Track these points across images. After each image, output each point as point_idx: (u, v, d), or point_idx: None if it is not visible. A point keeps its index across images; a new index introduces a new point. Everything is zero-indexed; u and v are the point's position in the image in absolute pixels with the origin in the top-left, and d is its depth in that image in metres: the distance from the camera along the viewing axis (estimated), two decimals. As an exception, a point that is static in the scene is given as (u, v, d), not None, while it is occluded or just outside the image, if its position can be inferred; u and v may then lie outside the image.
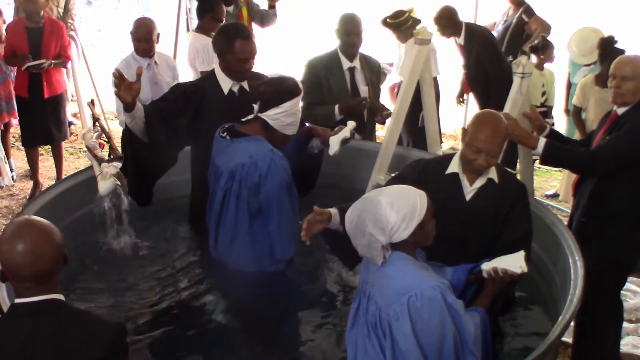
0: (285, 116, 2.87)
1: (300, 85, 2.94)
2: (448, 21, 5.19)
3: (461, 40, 5.29)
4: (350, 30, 4.14)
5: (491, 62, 5.24)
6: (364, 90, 4.26)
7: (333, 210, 2.57)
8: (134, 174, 3.29)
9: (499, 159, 2.66)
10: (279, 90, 2.86)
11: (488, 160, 2.62)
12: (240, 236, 2.99)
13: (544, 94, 5.52)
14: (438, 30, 5.27)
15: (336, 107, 4.10)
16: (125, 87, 2.96)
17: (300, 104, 2.96)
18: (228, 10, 5.31)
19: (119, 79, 2.96)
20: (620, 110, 3.23)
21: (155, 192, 3.84)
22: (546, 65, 5.51)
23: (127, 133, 3.17)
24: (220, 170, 2.95)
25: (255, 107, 2.93)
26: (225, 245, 3.05)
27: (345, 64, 4.23)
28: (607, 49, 4.36)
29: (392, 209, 2.14)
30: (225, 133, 2.98)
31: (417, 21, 5.24)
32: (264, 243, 3.00)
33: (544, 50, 5.35)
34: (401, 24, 5.23)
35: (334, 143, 3.13)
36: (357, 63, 4.25)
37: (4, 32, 5.60)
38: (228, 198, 2.94)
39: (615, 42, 4.48)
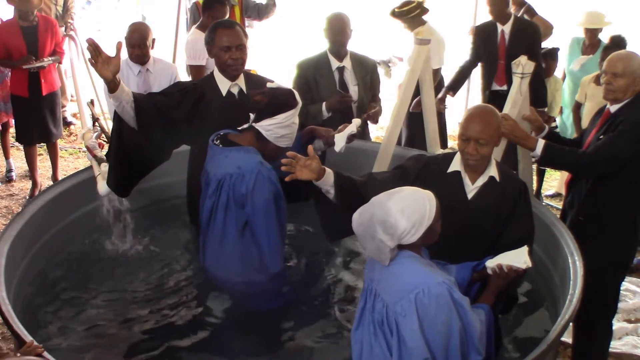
0: (279, 128, 2.82)
1: (298, 98, 2.88)
2: (502, 5, 5.11)
3: (507, 27, 5.17)
4: (336, 28, 4.14)
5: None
6: (353, 90, 4.25)
7: (329, 170, 2.59)
8: (117, 160, 3.23)
9: (490, 150, 2.64)
10: (274, 101, 2.81)
11: (477, 149, 2.60)
12: (228, 249, 2.92)
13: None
14: (490, 10, 5.19)
15: (323, 104, 4.11)
16: (103, 61, 2.89)
17: (295, 121, 2.88)
18: None
19: (95, 51, 2.88)
20: (613, 108, 3.23)
21: (155, 192, 3.85)
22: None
23: (116, 118, 3.13)
24: (209, 177, 2.91)
25: (252, 116, 2.89)
26: (212, 257, 2.98)
27: (334, 63, 4.23)
28: (616, 48, 4.33)
29: (402, 216, 2.15)
30: (218, 141, 2.94)
31: (425, 9, 5.31)
32: (252, 257, 2.92)
33: (551, 58, 5.27)
34: (409, 12, 5.28)
35: (340, 140, 3.11)
36: (347, 63, 4.24)
37: None
38: (216, 209, 2.88)
39: (626, 43, 4.52)
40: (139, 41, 4.22)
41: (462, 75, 5.58)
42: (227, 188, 2.84)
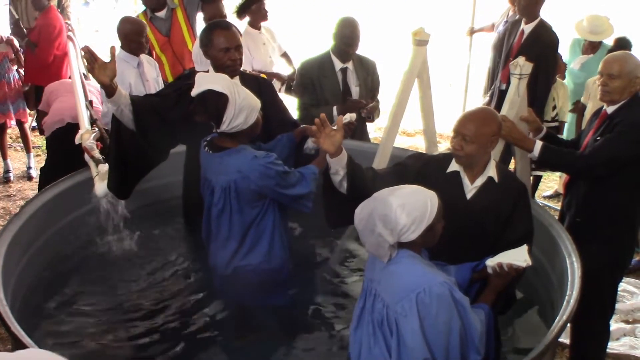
0: (236, 118, 2.76)
1: (222, 87, 2.75)
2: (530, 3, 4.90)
3: (529, 27, 4.97)
4: (347, 34, 4.15)
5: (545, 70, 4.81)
6: (355, 90, 4.28)
7: (345, 151, 2.64)
8: (117, 164, 3.23)
9: (476, 150, 2.63)
10: (209, 111, 2.76)
11: (462, 145, 2.62)
12: (246, 246, 2.95)
13: (554, 108, 5.18)
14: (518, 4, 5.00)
15: (334, 108, 4.12)
16: (100, 66, 2.90)
17: (240, 97, 2.76)
18: (160, 16, 5.01)
19: (91, 57, 2.90)
20: (610, 109, 3.22)
21: (153, 193, 3.85)
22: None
23: (114, 121, 3.13)
24: (212, 184, 2.91)
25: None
26: (226, 258, 2.98)
27: (338, 64, 4.25)
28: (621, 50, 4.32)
29: (403, 212, 2.15)
30: (207, 147, 2.92)
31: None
32: (273, 247, 2.98)
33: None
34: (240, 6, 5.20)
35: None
36: (349, 64, 4.26)
37: (1, 34, 5.68)
38: (229, 213, 2.89)
39: (631, 45, 4.50)
40: (143, 30, 4.29)
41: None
42: (235, 194, 2.84)
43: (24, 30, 5.99)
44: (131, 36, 4.26)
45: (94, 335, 3.14)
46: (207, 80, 2.80)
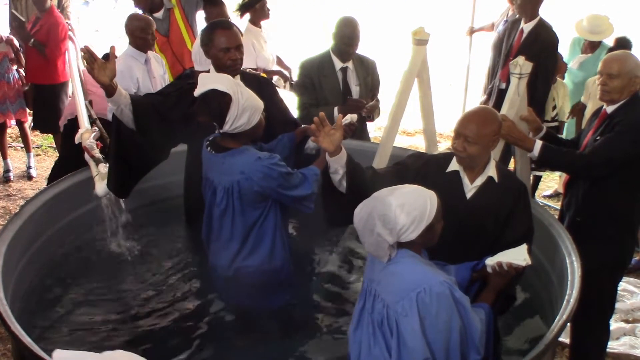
0: (239, 118, 2.75)
1: (225, 87, 2.74)
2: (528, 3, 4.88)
3: (528, 26, 4.96)
4: (346, 35, 4.16)
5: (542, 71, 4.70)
6: (355, 90, 4.28)
7: (344, 150, 2.64)
8: (117, 163, 3.23)
9: (479, 151, 2.63)
10: (212, 111, 2.75)
11: (465, 146, 2.62)
12: (249, 247, 2.95)
13: (554, 107, 5.17)
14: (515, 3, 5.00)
15: (335, 108, 4.13)
16: (99, 67, 2.91)
17: (244, 98, 2.76)
18: (158, 17, 4.97)
19: (90, 57, 2.90)
20: (610, 109, 3.22)
21: (153, 192, 3.85)
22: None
23: (114, 121, 3.13)
24: (214, 184, 2.90)
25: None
26: (228, 258, 2.98)
27: (338, 64, 4.26)
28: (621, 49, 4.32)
29: (402, 211, 2.15)
30: (209, 147, 2.91)
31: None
32: (273, 249, 2.98)
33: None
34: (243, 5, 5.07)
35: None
36: (350, 63, 4.27)
37: (1, 34, 5.70)
38: (231, 215, 2.88)
39: (631, 45, 4.49)
40: (150, 28, 4.32)
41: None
42: (237, 195, 2.83)
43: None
44: (137, 33, 4.30)
45: (94, 335, 3.14)
46: (211, 80, 2.79)
